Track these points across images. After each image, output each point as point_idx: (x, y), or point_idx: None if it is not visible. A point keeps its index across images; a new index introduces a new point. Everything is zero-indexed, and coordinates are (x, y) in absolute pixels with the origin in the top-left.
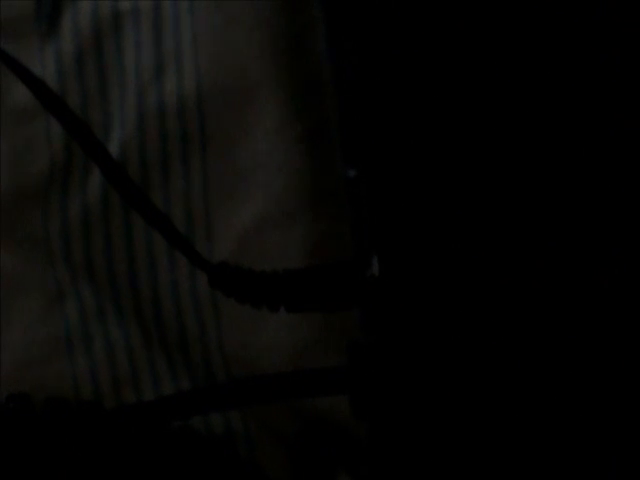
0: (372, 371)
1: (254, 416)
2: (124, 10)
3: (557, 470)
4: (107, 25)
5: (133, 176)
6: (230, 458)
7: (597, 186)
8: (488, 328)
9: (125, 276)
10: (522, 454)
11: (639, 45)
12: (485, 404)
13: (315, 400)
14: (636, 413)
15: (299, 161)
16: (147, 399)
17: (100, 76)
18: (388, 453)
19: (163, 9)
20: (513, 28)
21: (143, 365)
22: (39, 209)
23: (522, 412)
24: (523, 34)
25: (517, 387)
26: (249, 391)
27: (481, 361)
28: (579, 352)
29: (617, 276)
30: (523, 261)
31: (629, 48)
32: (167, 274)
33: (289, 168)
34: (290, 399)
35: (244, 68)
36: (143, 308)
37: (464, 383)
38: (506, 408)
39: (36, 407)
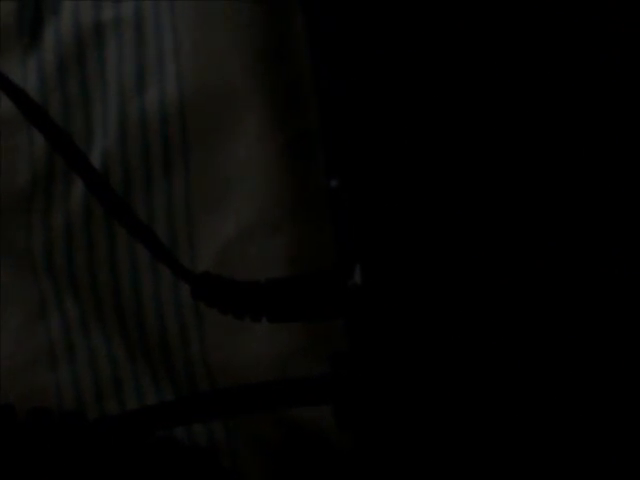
0: (356, 381)
1: (237, 426)
2: (106, 19)
3: (557, 472)
4: (89, 35)
5: (115, 185)
6: (213, 468)
7: (597, 186)
8: (476, 336)
9: (108, 287)
10: (513, 459)
11: (639, 45)
12: (472, 412)
13: (299, 410)
14: (636, 413)
15: (281, 170)
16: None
17: (82, 86)
18: (372, 463)
19: (145, 18)
20: (512, 28)
21: (126, 376)
22: (21, 220)
23: (511, 417)
24: (522, 34)
25: (504, 389)
26: (232, 401)
27: (468, 369)
28: (579, 353)
29: (617, 276)
30: (522, 261)
31: (629, 48)
32: (150, 285)
33: (271, 177)
34: (273, 409)
35: (226, 76)
36: (126, 319)
37: (450, 392)
38: (493, 412)
39: (19, 417)
